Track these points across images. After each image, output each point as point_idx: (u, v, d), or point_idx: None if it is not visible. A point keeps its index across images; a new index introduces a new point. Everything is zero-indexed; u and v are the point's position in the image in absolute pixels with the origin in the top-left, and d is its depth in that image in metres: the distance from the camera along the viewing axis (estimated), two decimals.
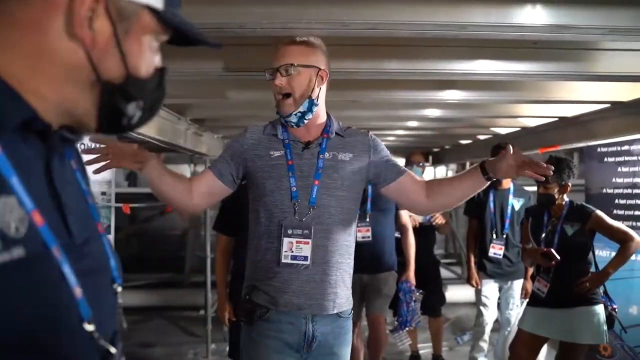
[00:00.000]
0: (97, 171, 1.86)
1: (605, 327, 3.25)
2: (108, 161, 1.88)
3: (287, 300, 1.91)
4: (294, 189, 1.91)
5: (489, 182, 1.99)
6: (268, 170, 1.94)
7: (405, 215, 4.06)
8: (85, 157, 1.88)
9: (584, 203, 3.45)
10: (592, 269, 3.33)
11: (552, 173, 1.85)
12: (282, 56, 1.91)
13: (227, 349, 3.63)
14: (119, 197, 4.35)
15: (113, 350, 0.72)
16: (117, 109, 0.73)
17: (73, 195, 0.73)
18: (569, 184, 3.35)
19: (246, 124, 2.11)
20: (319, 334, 1.93)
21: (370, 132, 2.10)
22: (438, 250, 8.85)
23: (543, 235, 3.39)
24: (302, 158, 1.95)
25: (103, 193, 3.65)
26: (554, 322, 3.29)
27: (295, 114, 1.92)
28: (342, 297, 1.98)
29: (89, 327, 0.68)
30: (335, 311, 1.96)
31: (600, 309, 3.25)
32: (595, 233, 3.32)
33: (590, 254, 3.34)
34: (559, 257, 3.21)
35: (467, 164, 8.37)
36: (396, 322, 4.12)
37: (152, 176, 1.92)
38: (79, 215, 0.71)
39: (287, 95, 1.91)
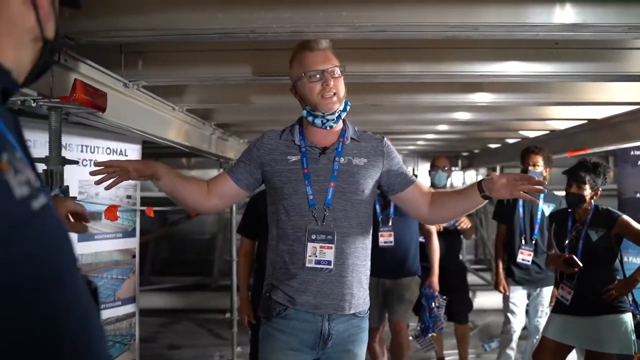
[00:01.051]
0: (107, 187, 1.96)
1: (633, 337, 3.13)
2: (116, 177, 1.94)
3: (305, 300, 1.96)
4: (311, 197, 1.97)
5: (487, 201, 1.99)
6: (286, 175, 2.00)
7: None
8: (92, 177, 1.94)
9: (609, 208, 3.33)
10: (620, 276, 3.22)
11: (543, 187, 1.82)
12: (326, 59, 1.98)
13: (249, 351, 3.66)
14: (150, 201, 4.43)
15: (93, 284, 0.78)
16: (50, 63, 0.82)
17: None
18: (600, 190, 3.26)
19: (269, 128, 2.13)
20: (334, 332, 1.99)
21: (386, 139, 2.14)
22: (468, 256, 8.76)
23: (567, 241, 3.30)
24: (319, 163, 2.00)
25: (128, 196, 3.71)
26: (580, 330, 3.19)
27: (337, 112, 1.99)
28: (359, 298, 2.03)
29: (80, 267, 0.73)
30: (351, 311, 2.01)
31: (628, 317, 3.14)
32: (622, 238, 3.21)
33: (617, 260, 3.23)
34: (581, 264, 3.12)
35: (497, 168, 8.26)
36: (418, 328, 4.06)
37: (163, 184, 2.00)
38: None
39: (333, 94, 1.98)
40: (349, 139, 2.04)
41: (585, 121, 4.54)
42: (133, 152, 3.64)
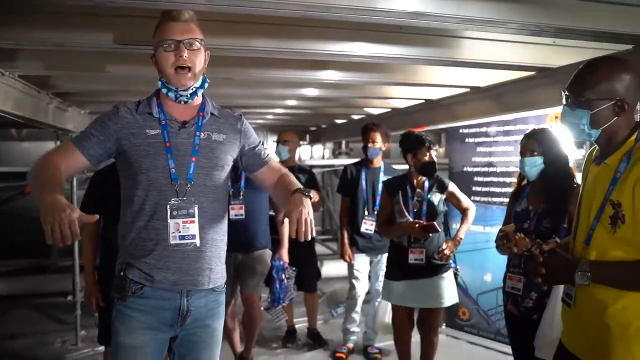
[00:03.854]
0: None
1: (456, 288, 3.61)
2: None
3: (163, 277, 1.94)
4: (173, 170, 1.93)
5: None
6: (144, 149, 1.93)
7: None
8: None
9: (439, 175, 3.69)
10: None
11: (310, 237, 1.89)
12: (185, 30, 1.91)
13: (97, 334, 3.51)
14: None
15: None
16: None
17: None
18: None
19: (117, 99, 2.02)
20: (193, 308, 1.99)
21: (243, 116, 2.15)
22: (315, 227, 9.08)
23: (410, 207, 3.57)
24: (179, 137, 1.96)
25: None
26: (419, 291, 3.52)
27: (192, 88, 1.95)
28: (217, 273, 2.05)
29: None
30: (210, 286, 2.03)
31: (451, 273, 3.60)
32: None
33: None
34: (439, 229, 3.43)
35: (343, 142, 8.65)
36: (269, 300, 4.17)
37: None
38: None
39: (187, 69, 1.91)
40: (208, 114, 2.03)
41: (422, 101, 4.92)
42: None
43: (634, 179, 1.66)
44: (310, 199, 1.92)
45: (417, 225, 3.42)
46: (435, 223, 3.40)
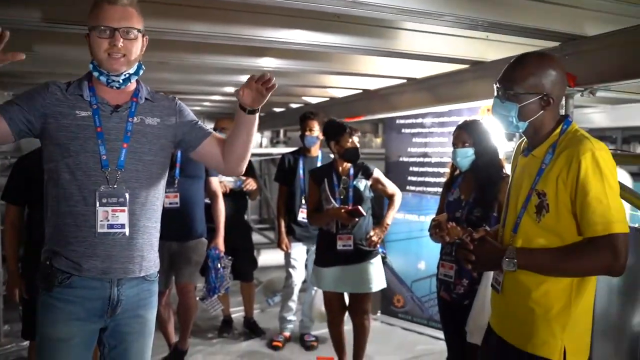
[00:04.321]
0: None
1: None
2: None
3: (92, 265, 1.87)
4: (104, 157, 1.86)
5: (252, 115, 1.97)
6: (73, 130, 1.85)
7: (215, 182, 4.04)
8: None
9: (364, 162, 3.72)
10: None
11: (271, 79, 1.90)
12: (122, 17, 1.83)
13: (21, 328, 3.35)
14: None
15: None
16: None
17: None
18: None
19: (44, 80, 1.91)
20: (124, 298, 1.93)
21: (177, 98, 2.10)
22: (252, 216, 9.04)
23: (336, 194, 3.60)
24: (110, 122, 1.89)
25: None
26: (349, 277, 3.57)
27: (125, 74, 1.89)
28: (150, 261, 2.00)
29: None
30: (142, 274, 1.97)
31: (380, 259, 3.65)
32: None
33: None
34: (364, 213, 3.46)
35: (281, 131, 8.62)
36: (205, 290, 4.12)
37: None
38: None
39: (122, 55, 1.85)
40: (142, 98, 1.97)
41: (360, 91, 4.96)
42: None
43: (558, 170, 1.74)
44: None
45: (342, 210, 3.47)
46: (359, 207, 3.45)
